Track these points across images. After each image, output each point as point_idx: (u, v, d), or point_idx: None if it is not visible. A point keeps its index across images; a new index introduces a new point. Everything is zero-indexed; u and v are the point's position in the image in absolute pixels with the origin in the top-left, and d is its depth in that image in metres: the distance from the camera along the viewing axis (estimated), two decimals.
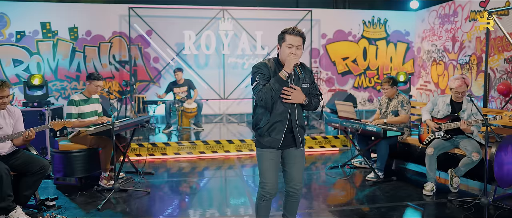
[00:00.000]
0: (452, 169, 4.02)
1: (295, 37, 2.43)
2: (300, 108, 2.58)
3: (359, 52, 8.67)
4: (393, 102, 4.74)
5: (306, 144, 6.11)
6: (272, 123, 2.50)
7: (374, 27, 8.67)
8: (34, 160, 3.36)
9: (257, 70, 2.48)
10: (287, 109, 2.51)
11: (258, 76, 2.46)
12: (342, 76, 8.67)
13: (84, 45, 7.59)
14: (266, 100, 2.40)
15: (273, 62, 2.54)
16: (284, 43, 2.46)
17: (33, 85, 5.48)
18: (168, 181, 4.61)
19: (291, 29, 2.45)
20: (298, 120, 2.56)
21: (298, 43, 2.44)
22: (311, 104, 2.56)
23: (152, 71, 7.95)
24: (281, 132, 2.51)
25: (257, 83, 2.45)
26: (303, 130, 2.64)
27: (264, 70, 2.47)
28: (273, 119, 2.50)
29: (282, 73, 2.38)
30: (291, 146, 2.59)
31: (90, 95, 4.43)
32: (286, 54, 2.42)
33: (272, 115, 2.50)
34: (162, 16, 7.75)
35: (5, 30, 7.26)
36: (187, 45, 7.81)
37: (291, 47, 2.43)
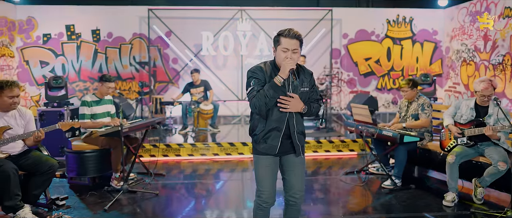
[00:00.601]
0: (476, 178, 3.72)
1: (290, 40, 2.28)
2: (299, 113, 2.44)
3: (382, 53, 8.33)
4: (413, 105, 4.47)
5: (322, 147, 5.93)
6: (268, 130, 2.38)
7: (399, 26, 8.30)
8: (43, 160, 3.41)
9: (251, 75, 2.37)
10: (284, 115, 2.38)
11: (252, 81, 2.35)
12: (365, 78, 8.36)
13: (105, 47, 7.77)
14: (260, 107, 2.28)
15: (269, 65, 2.41)
16: (279, 46, 2.32)
17: (54, 86, 5.64)
18: (179, 183, 4.59)
19: (287, 31, 2.30)
20: (297, 126, 2.42)
21: (294, 47, 2.29)
22: (310, 111, 2.43)
23: (171, 72, 8.01)
24: (278, 138, 2.38)
25: (251, 88, 2.34)
26: (303, 137, 2.50)
27: (259, 75, 2.35)
28: (269, 126, 2.38)
29: (276, 79, 2.26)
30: (290, 152, 2.46)
31: (102, 97, 4.48)
32: (281, 59, 2.29)
33: (268, 122, 2.38)
34: (180, 18, 7.80)
35: (33, 32, 7.56)
36: (205, 46, 7.81)
37: (286, 51, 2.29)
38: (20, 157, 3.37)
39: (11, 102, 3.27)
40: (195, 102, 6.77)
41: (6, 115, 3.32)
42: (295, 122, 2.40)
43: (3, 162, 3.13)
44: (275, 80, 2.25)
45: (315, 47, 8.16)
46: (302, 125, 2.48)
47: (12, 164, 3.17)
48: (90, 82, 7.82)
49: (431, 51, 8.43)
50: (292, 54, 2.29)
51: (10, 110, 3.32)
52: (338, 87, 8.29)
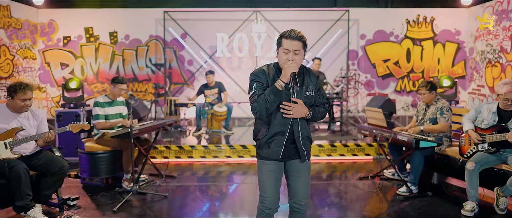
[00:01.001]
0: (498, 187, 3.50)
1: (292, 42, 2.21)
2: (303, 118, 2.36)
3: (402, 54, 8.08)
4: (431, 109, 4.28)
5: (337, 151, 5.79)
6: (272, 135, 2.31)
7: (419, 26, 8.03)
8: (54, 161, 3.46)
9: (254, 78, 2.30)
10: (288, 119, 2.30)
11: (254, 85, 2.28)
12: (383, 80, 8.13)
13: (123, 49, 7.89)
14: (261, 112, 2.22)
15: (272, 68, 2.35)
16: (280, 48, 2.26)
17: (70, 88, 5.76)
18: (189, 186, 4.57)
19: (288, 32, 2.23)
20: (302, 130, 2.34)
21: (296, 48, 2.21)
22: (315, 116, 2.35)
23: (187, 73, 8.05)
24: (281, 143, 2.31)
25: (253, 92, 2.27)
26: (309, 142, 2.41)
27: (262, 78, 2.28)
28: (272, 130, 2.31)
29: (277, 83, 2.18)
30: (295, 157, 2.38)
31: (114, 98, 4.53)
32: (283, 61, 2.23)
33: (271, 126, 2.31)
34: (195, 19, 7.83)
35: (54, 35, 7.77)
36: (219, 48, 7.80)
37: (287, 53, 2.22)
38: (32, 157, 3.43)
39: (23, 105, 3.34)
40: (209, 104, 6.77)
41: (19, 116, 3.39)
42: (299, 126, 2.32)
43: (15, 163, 3.19)
44: (276, 84, 2.18)
45: (332, 48, 8.00)
46: (307, 130, 2.40)
47: (23, 164, 3.23)
48: (108, 83, 7.96)
49: (454, 52, 8.10)
50: (294, 56, 2.22)
51: (22, 111, 3.38)
52: (355, 90, 8.09)
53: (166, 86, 7.86)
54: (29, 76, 7.39)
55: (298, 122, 2.32)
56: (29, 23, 7.40)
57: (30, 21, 7.41)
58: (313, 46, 7.83)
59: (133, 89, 7.97)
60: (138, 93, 7.96)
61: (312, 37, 7.79)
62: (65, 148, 5.63)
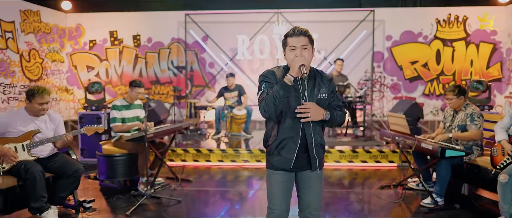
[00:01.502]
0: None
1: (297, 38, 2.13)
2: (318, 122, 2.21)
3: (431, 55, 7.68)
4: (459, 115, 3.98)
5: (359, 157, 5.55)
6: (281, 140, 2.19)
7: (450, 26, 7.60)
8: (69, 164, 3.50)
9: (263, 79, 2.20)
10: (298, 123, 2.17)
11: (263, 85, 2.18)
12: (410, 83, 7.76)
13: (145, 52, 8.01)
14: (270, 110, 2.08)
15: (282, 70, 2.23)
16: (287, 47, 2.17)
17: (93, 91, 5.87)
18: (204, 190, 4.51)
19: (292, 30, 2.16)
20: (315, 136, 2.20)
21: (302, 43, 2.12)
22: (334, 118, 2.19)
23: (208, 76, 8.05)
24: (293, 150, 2.18)
25: (261, 92, 2.17)
26: (322, 149, 2.27)
27: (271, 79, 2.18)
28: (282, 135, 2.19)
29: (286, 78, 2.07)
30: (306, 168, 2.24)
31: (132, 102, 4.55)
32: (291, 59, 2.13)
33: (281, 130, 2.19)
34: (217, 22, 7.81)
35: (81, 39, 8.01)
36: (240, 50, 7.74)
37: (294, 49, 2.13)
38: (49, 159, 3.48)
39: (40, 109, 3.39)
40: (228, 107, 6.71)
41: (37, 119, 3.45)
42: (312, 131, 2.18)
43: (31, 165, 3.25)
44: (285, 79, 2.07)
45: (356, 50, 7.73)
46: (320, 135, 2.26)
47: (39, 166, 3.28)
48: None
49: (489, 54, 7.61)
50: (302, 51, 2.12)
51: (40, 115, 3.44)
52: (380, 93, 7.78)
53: (187, 89, 7.89)
54: (57, 79, 7.65)
55: (311, 126, 2.18)
56: (58, 27, 7.66)
57: (58, 26, 7.67)
58: (336, 48, 7.61)
59: (155, 91, 8.06)
60: (161, 96, 8.05)
61: (335, 39, 7.57)
62: (88, 150, 5.74)
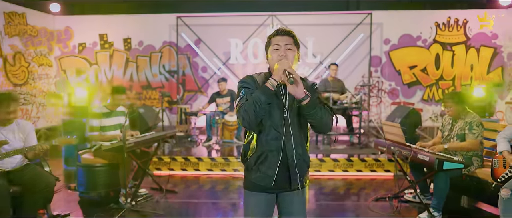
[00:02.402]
0: None
1: (281, 37, 1.97)
2: (299, 133, 1.98)
3: (430, 60, 7.44)
4: (458, 123, 3.75)
5: (354, 166, 5.31)
6: (261, 153, 1.95)
7: (450, 29, 7.37)
8: (41, 176, 3.27)
9: (241, 85, 1.98)
10: (279, 135, 1.93)
11: (242, 91, 1.95)
12: (409, 88, 7.52)
13: (136, 55, 7.79)
14: (250, 117, 1.84)
15: (263, 76, 2.02)
16: (270, 47, 1.99)
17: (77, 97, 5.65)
18: (190, 203, 4.26)
19: (275, 31, 2.00)
20: (296, 149, 1.95)
21: (286, 42, 1.94)
22: (316, 114, 1.87)
23: (200, 80, 7.82)
24: (274, 165, 1.93)
25: (240, 98, 1.94)
26: (306, 165, 2.02)
27: (250, 84, 1.96)
28: (262, 148, 1.95)
29: (269, 82, 1.85)
30: (288, 189, 2.00)
31: (113, 108, 4.32)
32: (274, 60, 1.94)
33: (261, 141, 1.96)
34: (209, 25, 7.60)
35: (70, 42, 7.80)
36: (233, 54, 7.52)
37: (278, 48, 1.95)
38: (17, 172, 3.25)
39: (7, 118, 3.17)
40: (220, 113, 6.48)
41: (3, 129, 3.22)
42: (293, 144, 1.94)
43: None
44: (267, 84, 1.85)
45: (352, 54, 7.50)
46: (303, 148, 2.00)
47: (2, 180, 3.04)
48: None
49: (489, 58, 7.37)
50: (286, 51, 1.93)
51: (7, 124, 3.22)
52: (377, 98, 7.54)
53: (178, 94, 7.67)
54: (45, 83, 7.43)
55: (292, 138, 1.94)
56: (46, 30, 7.45)
57: (46, 29, 7.46)
58: (333, 52, 7.38)
59: (146, 96, 7.83)
60: (152, 101, 7.82)
61: (331, 43, 7.35)
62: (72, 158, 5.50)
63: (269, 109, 1.90)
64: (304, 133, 2.04)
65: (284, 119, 1.94)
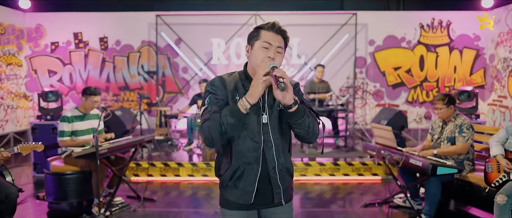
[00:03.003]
0: None
1: (275, 35, 1.64)
2: (281, 140, 1.71)
3: (414, 61, 7.40)
4: (449, 126, 3.64)
5: (340, 170, 5.15)
6: (237, 167, 1.69)
7: (434, 31, 7.36)
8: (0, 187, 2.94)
9: (208, 89, 1.70)
10: (257, 145, 1.67)
11: (207, 99, 1.68)
12: (393, 89, 7.46)
13: (113, 55, 7.42)
14: (214, 138, 1.58)
15: (237, 77, 1.74)
16: (258, 42, 1.66)
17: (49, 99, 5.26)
18: (170, 211, 3.99)
19: (271, 24, 1.66)
20: (278, 159, 1.70)
21: (279, 43, 1.64)
22: (304, 123, 1.61)
23: (181, 82, 7.53)
24: (253, 180, 1.68)
25: (204, 108, 1.67)
26: (289, 175, 1.77)
27: (218, 90, 1.67)
28: (237, 161, 1.68)
29: (242, 103, 1.55)
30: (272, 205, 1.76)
31: (86, 112, 4.00)
32: (260, 60, 1.61)
33: (236, 153, 1.69)
34: (190, 24, 7.31)
35: (41, 41, 7.35)
36: (215, 54, 7.26)
37: (268, 48, 1.63)
38: None
39: None
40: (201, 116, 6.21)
41: None
42: (275, 154, 1.68)
43: None
44: (240, 105, 1.56)
45: (337, 55, 7.37)
46: (286, 157, 1.75)
47: None
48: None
49: (472, 60, 7.39)
50: (276, 54, 1.63)
51: None
52: (362, 100, 7.45)
53: (158, 96, 7.35)
54: (14, 84, 6.96)
55: (273, 147, 1.67)
56: (15, 27, 6.99)
57: (15, 26, 6.99)
58: (317, 53, 7.23)
59: (124, 98, 7.47)
60: (130, 103, 7.47)
61: (316, 43, 7.20)
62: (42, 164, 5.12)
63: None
64: (287, 139, 1.77)
65: (262, 125, 1.67)
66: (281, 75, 1.51)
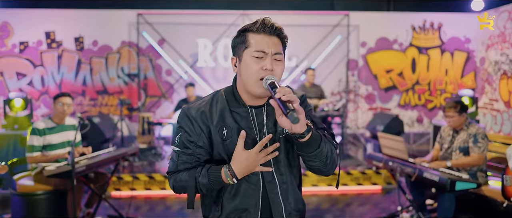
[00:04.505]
0: None
1: (269, 37, 1.25)
2: (289, 176, 1.32)
3: (406, 64, 7.25)
4: (461, 135, 3.40)
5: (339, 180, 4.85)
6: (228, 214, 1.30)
7: (425, 33, 7.23)
8: None
9: (181, 124, 1.30)
10: (256, 187, 1.28)
11: (177, 137, 1.29)
12: (385, 92, 7.28)
13: (90, 57, 6.87)
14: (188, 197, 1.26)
15: (223, 100, 1.32)
16: (247, 50, 1.26)
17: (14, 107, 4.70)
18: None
19: (260, 24, 1.25)
20: (286, 199, 1.31)
21: (276, 48, 1.25)
22: (321, 153, 1.22)
23: (164, 85, 7.06)
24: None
25: (173, 152, 1.30)
26: (300, 216, 1.37)
27: (192, 128, 1.27)
28: (229, 204, 1.29)
29: (226, 174, 1.22)
30: None
31: (60, 122, 3.51)
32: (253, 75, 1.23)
33: (227, 199, 1.30)
34: (174, 23, 6.86)
35: (8, 40, 6.71)
36: (202, 56, 6.85)
37: (263, 57, 1.23)
38: None
39: None
40: None
41: None
42: (280, 193, 1.29)
43: None
44: (223, 174, 1.22)
45: (329, 58, 7.11)
46: (296, 195, 1.34)
47: None
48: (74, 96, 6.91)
49: (463, 62, 7.32)
50: (274, 64, 1.24)
51: None
52: (355, 104, 7.23)
53: (139, 100, 6.86)
54: None
55: (278, 185, 1.28)
56: None
57: None
58: (309, 55, 6.95)
59: (102, 103, 6.93)
60: (109, 108, 6.93)
61: (307, 45, 6.92)
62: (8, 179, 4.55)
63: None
64: (296, 172, 1.37)
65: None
66: (288, 98, 1.12)
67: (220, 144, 1.27)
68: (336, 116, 5.67)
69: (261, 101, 1.30)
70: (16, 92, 5.12)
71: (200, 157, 1.28)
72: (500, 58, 6.63)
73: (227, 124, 1.27)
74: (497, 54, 6.70)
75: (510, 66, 6.38)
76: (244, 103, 1.29)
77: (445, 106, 3.46)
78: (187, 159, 1.27)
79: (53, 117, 3.51)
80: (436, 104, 7.33)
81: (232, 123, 1.27)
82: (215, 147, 1.29)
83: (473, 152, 3.29)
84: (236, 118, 1.28)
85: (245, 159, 1.20)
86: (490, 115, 6.91)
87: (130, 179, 4.64)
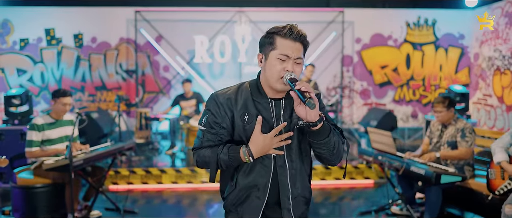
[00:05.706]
0: None
1: (294, 43, 1.42)
2: (301, 161, 1.49)
3: (401, 60, 7.33)
4: (449, 130, 3.51)
5: (332, 174, 4.99)
6: (240, 190, 1.47)
7: (420, 29, 7.30)
8: None
9: (210, 108, 1.47)
10: (268, 168, 1.45)
11: (205, 118, 1.46)
12: (380, 88, 7.37)
13: (89, 53, 6.98)
14: (210, 171, 1.43)
15: (247, 90, 1.49)
16: (273, 52, 1.42)
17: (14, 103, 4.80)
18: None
19: (288, 29, 1.42)
20: (294, 184, 1.47)
21: (298, 54, 1.42)
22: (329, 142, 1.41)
23: (162, 81, 7.17)
24: (258, 207, 1.46)
25: (200, 130, 1.47)
26: (305, 203, 1.54)
27: (221, 110, 1.44)
28: (242, 182, 1.46)
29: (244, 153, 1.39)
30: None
31: (59, 117, 3.63)
32: (276, 74, 1.40)
33: (241, 175, 1.47)
34: (171, 20, 6.96)
35: (9, 37, 6.83)
36: (198, 52, 6.94)
37: (286, 60, 1.41)
38: None
39: None
40: (184, 117, 5.91)
41: None
42: (289, 177, 1.46)
43: None
44: (242, 153, 1.39)
45: (324, 54, 7.21)
46: (304, 182, 1.52)
47: None
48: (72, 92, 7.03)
49: (457, 58, 7.40)
50: (294, 66, 1.42)
51: None
52: (350, 99, 7.32)
53: (137, 96, 6.97)
54: None
55: (287, 170, 1.45)
56: None
57: None
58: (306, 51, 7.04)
59: (101, 98, 7.05)
60: (108, 104, 7.06)
61: None
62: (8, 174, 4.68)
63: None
64: (307, 161, 1.54)
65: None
66: (306, 89, 1.31)
67: (241, 128, 1.45)
68: (330, 111, 5.77)
69: (280, 95, 1.48)
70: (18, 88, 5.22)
71: (222, 137, 1.46)
72: (493, 54, 6.70)
73: (249, 111, 1.45)
74: (491, 50, 6.77)
75: (503, 62, 6.46)
76: (266, 95, 1.48)
77: (433, 102, 3.55)
78: (211, 137, 1.44)
79: (52, 113, 3.63)
80: (430, 100, 7.42)
81: (254, 110, 1.45)
82: (236, 130, 1.46)
83: (461, 146, 3.39)
84: (257, 107, 1.46)
85: (261, 141, 1.38)
86: (484, 110, 7.00)
87: (127, 173, 4.76)
